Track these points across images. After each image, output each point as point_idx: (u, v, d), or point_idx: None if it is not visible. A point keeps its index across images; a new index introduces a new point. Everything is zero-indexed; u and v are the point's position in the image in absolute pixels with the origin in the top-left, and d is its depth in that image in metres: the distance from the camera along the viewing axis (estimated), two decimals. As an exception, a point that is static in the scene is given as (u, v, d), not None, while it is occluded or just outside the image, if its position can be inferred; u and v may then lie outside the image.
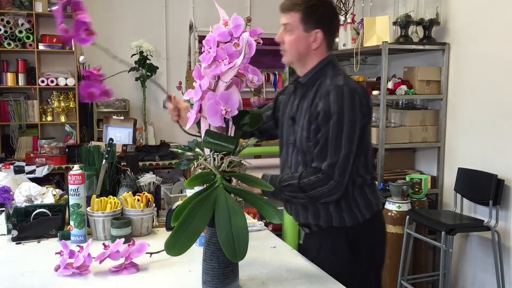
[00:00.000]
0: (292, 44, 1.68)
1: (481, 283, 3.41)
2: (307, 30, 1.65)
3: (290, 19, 1.66)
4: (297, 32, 1.66)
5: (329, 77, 1.65)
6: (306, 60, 1.71)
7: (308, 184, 1.58)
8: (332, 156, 1.56)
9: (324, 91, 1.60)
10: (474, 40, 3.44)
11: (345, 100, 1.56)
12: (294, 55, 1.70)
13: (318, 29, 1.65)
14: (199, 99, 1.32)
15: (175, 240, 1.26)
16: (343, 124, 1.56)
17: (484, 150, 3.35)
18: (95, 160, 2.18)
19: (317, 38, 1.66)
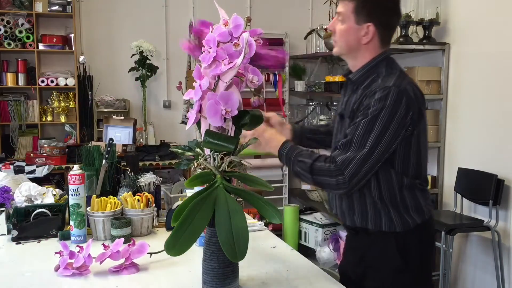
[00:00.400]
0: (342, 34, 1.58)
1: (481, 283, 3.41)
2: (359, 22, 1.55)
3: (343, 7, 1.56)
4: (348, 22, 1.56)
5: (382, 76, 1.57)
6: (357, 55, 1.61)
7: (319, 169, 1.51)
8: (351, 152, 1.48)
9: (371, 90, 1.52)
10: (474, 40, 3.44)
11: (388, 102, 1.47)
12: (343, 47, 1.61)
13: (370, 23, 1.54)
14: (199, 99, 1.32)
15: (175, 240, 1.27)
16: (376, 124, 1.47)
17: (484, 150, 3.35)
18: (95, 160, 2.18)
19: (368, 32, 1.55)
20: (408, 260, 1.60)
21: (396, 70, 1.59)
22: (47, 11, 4.15)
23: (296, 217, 4.33)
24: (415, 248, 1.62)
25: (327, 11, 4.64)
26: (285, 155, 1.57)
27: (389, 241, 1.60)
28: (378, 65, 1.59)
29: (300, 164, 1.54)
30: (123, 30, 4.56)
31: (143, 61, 4.34)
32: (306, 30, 4.75)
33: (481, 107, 3.38)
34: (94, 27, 4.52)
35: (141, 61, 4.33)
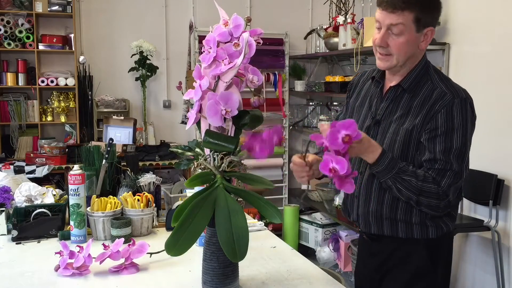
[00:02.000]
0: (402, 47, 1.47)
1: (481, 283, 3.41)
2: (419, 29, 1.46)
3: (401, 19, 1.43)
4: (409, 33, 1.45)
5: (437, 80, 1.51)
6: (411, 61, 1.53)
7: (427, 191, 1.44)
8: (452, 177, 1.45)
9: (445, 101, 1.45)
10: (474, 40, 3.44)
11: (469, 118, 1.47)
12: (402, 59, 1.50)
13: (430, 27, 1.48)
14: (199, 99, 1.32)
15: (176, 240, 1.27)
16: (467, 145, 1.48)
17: (484, 150, 3.35)
18: (95, 160, 2.18)
19: (427, 36, 1.49)
20: (436, 264, 1.58)
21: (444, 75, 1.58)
22: (47, 11, 4.15)
23: (296, 217, 4.33)
24: (444, 253, 1.62)
25: (327, 11, 4.65)
26: (384, 168, 1.44)
27: (418, 246, 1.57)
28: (425, 68, 1.55)
29: (405, 183, 1.45)
30: (123, 30, 4.56)
31: (143, 61, 4.34)
32: (306, 30, 4.75)
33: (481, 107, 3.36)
34: (94, 27, 4.51)
35: (141, 61, 4.33)
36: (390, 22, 1.45)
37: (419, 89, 1.51)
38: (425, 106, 1.48)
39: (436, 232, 1.56)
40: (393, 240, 1.58)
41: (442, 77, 1.54)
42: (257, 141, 1.36)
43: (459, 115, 1.45)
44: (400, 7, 1.43)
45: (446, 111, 1.45)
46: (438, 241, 1.57)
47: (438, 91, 1.48)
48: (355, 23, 4.07)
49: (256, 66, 1.38)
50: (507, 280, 3.18)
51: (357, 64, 3.78)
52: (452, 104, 1.45)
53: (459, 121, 1.45)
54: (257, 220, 2.17)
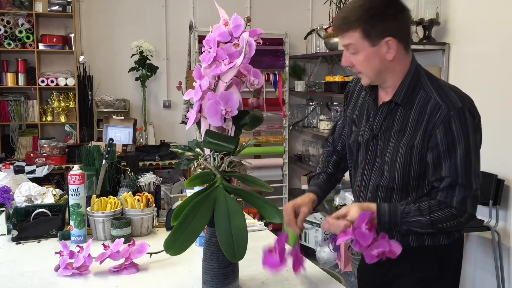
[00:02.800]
0: (365, 64, 1.43)
1: (481, 283, 3.41)
2: (375, 43, 1.40)
3: (350, 38, 1.41)
4: (363, 50, 1.41)
5: (431, 88, 1.44)
6: (388, 75, 1.47)
7: (441, 219, 1.41)
8: (463, 192, 1.40)
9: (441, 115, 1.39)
10: (474, 40, 3.44)
11: (469, 128, 1.39)
12: (371, 75, 1.46)
13: (387, 37, 1.39)
14: (199, 99, 1.32)
15: (174, 240, 1.27)
16: (471, 157, 1.40)
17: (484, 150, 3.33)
18: (95, 160, 2.18)
19: (390, 46, 1.40)
20: (445, 270, 1.56)
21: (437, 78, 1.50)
22: (47, 11, 4.15)
23: (296, 217, 4.33)
24: (453, 260, 1.59)
25: (327, 11, 4.64)
26: (388, 223, 1.43)
27: (428, 253, 1.54)
28: (415, 77, 1.47)
29: (415, 224, 1.42)
30: (123, 30, 4.56)
31: (143, 61, 4.34)
32: (306, 30, 4.75)
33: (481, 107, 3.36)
34: (94, 27, 4.52)
35: (141, 61, 4.34)
36: (343, 43, 1.44)
37: (413, 101, 1.45)
38: (421, 120, 1.43)
39: (447, 239, 1.53)
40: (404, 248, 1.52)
41: (435, 83, 1.46)
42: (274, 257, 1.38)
43: (459, 128, 1.39)
44: (343, 29, 1.42)
45: (444, 126, 1.39)
46: (448, 247, 1.54)
47: (432, 103, 1.42)
48: (355, 23, 4.06)
49: (256, 66, 1.38)
50: (507, 280, 3.18)
51: (357, 64, 3.77)
52: (449, 118, 1.38)
53: (460, 134, 1.39)
54: (257, 220, 2.17)
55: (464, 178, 1.40)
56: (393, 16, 1.40)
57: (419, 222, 1.42)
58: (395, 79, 1.47)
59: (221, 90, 1.32)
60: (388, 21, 1.40)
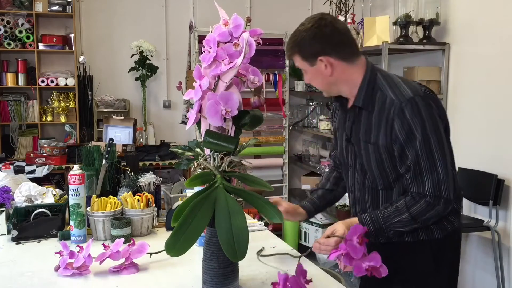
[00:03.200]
0: (313, 81, 1.59)
1: (481, 283, 3.41)
2: (312, 64, 1.53)
3: (297, 62, 1.58)
4: (307, 70, 1.57)
5: (386, 88, 1.51)
6: (339, 87, 1.58)
7: (419, 211, 1.47)
8: (431, 177, 1.45)
9: (395, 109, 1.46)
10: (474, 40, 3.44)
11: (423, 113, 1.45)
12: (324, 89, 1.61)
13: (319, 57, 1.51)
14: (199, 99, 1.32)
15: (175, 241, 1.26)
16: (430, 140, 1.44)
17: (484, 150, 3.35)
18: (95, 160, 2.18)
19: (325, 63, 1.52)
20: (441, 264, 1.59)
21: (392, 75, 1.57)
22: (47, 11, 4.15)
23: (296, 217, 4.33)
24: (449, 253, 1.61)
25: (327, 11, 4.64)
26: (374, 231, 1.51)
27: (424, 248, 1.58)
28: (372, 79, 1.55)
29: (398, 224, 1.49)
30: (123, 30, 4.57)
31: (143, 61, 4.34)
32: (306, 30, 4.74)
33: (481, 107, 3.38)
34: (94, 27, 4.51)
35: (141, 61, 4.34)
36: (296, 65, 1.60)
37: (374, 102, 1.53)
38: (382, 118, 1.50)
39: (441, 232, 1.57)
40: (400, 244, 1.59)
41: (390, 82, 1.53)
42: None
43: (412, 116, 1.44)
44: (289, 55, 1.59)
45: (399, 117, 1.45)
46: (443, 241, 1.58)
47: (388, 100, 1.49)
48: (355, 23, 4.07)
49: (256, 66, 1.38)
50: (507, 280, 3.18)
51: (357, 64, 3.77)
52: (402, 109, 1.45)
53: (414, 121, 1.44)
54: (257, 220, 2.17)
55: (427, 163, 1.44)
56: (319, 38, 1.50)
57: (402, 221, 1.49)
58: (351, 88, 1.57)
59: (221, 90, 1.32)
60: (314, 44, 1.51)
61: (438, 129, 1.47)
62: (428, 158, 1.44)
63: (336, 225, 1.51)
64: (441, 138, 1.47)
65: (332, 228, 1.50)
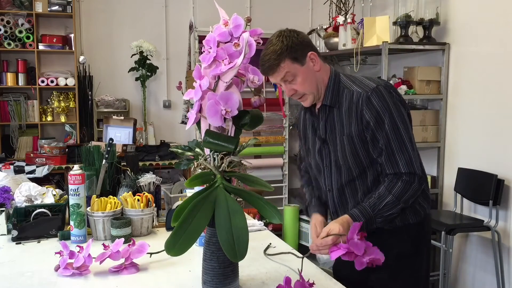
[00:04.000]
0: (305, 84, 1.63)
1: (481, 283, 3.41)
2: (302, 62, 1.61)
3: (286, 68, 1.59)
4: (299, 73, 1.61)
5: (351, 84, 1.65)
6: (320, 86, 1.67)
7: (400, 191, 1.58)
8: (403, 156, 1.58)
9: (362, 98, 1.59)
10: (474, 40, 3.44)
11: (388, 99, 1.59)
12: (314, 90, 1.66)
13: (308, 52, 1.62)
14: (199, 99, 1.32)
15: (175, 240, 1.27)
16: (397, 122, 1.58)
17: (484, 150, 3.35)
18: (95, 160, 2.18)
19: (313, 58, 1.63)
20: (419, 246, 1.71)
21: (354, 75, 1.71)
22: (47, 11, 4.15)
23: (296, 217, 4.33)
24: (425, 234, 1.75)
25: (327, 11, 4.65)
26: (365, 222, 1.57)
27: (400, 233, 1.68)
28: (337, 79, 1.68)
29: (385, 209, 1.58)
30: (123, 30, 4.56)
31: (143, 61, 4.34)
32: (306, 30, 4.75)
33: (481, 107, 3.38)
34: (94, 27, 4.51)
35: (141, 61, 4.33)
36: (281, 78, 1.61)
37: (341, 100, 1.66)
38: (352, 111, 1.62)
39: (415, 218, 1.69)
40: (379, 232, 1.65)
41: (353, 79, 1.67)
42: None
43: (378, 102, 1.58)
44: (276, 65, 1.58)
45: (367, 106, 1.59)
46: (417, 225, 1.70)
47: (355, 94, 1.62)
48: (355, 23, 4.07)
49: (256, 66, 1.38)
50: (507, 280, 3.18)
51: (357, 64, 3.78)
52: (369, 98, 1.59)
53: (381, 107, 1.58)
54: (257, 220, 2.17)
55: (397, 143, 1.58)
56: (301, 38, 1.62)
57: (387, 204, 1.58)
58: (321, 87, 1.68)
59: (221, 90, 1.32)
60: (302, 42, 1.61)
61: (402, 114, 1.60)
62: (397, 139, 1.58)
63: (330, 225, 1.56)
64: (405, 121, 1.60)
65: (327, 229, 1.54)
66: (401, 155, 1.58)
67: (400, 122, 1.58)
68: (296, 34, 1.62)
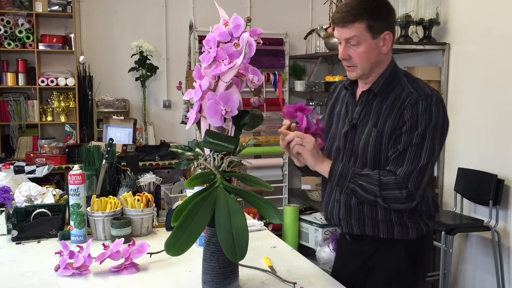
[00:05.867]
0: (364, 56, 1.52)
1: (481, 283, 3.41)
2: (375, 36, 1.50)
3: (354, 31, 1.49)
4: (366, 42, 1.50)
5: (407, 83, 1.55)
6: (376, 68, 1.57)
7: (387, 183, 1.48)
8: (409, 165, 1.48)
9: (411, 100, 1.50)
10: (474, 40, 3.44)
11: (434, 112, 1.49)
12: (367, 67, 1.55)
13: (386, 31, 1.52)
14: (199, 99, 1.32)
15: (175, 240, 1.27)
16: (428, 135, 1.48)
17: (484, 150, 3.35)
18: (95, 160, 2.18)
19: (387, 40, 1.52)
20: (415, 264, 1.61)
21: (413, 76, 1.59)
22: (47, 11, 4.15)
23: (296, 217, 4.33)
24: (424, 251, 1.64)
25: (327, 11, 4.64)
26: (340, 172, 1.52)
27: (398, 247, 1.60)
28: (394, 71, 1.59)
29: (364, 178, 1.50)
30: (123, 30, 4.56)
31: (143, 61, 4.33)
32: (306, 30, 4.75)
33: (481, 107, 3.38)
34: (94, 27, 4.51)
35: (141, 61, 4.33)
36: (346, 36, 1.52)
37: (389, 92, 1.56)
38: (394, 107, 1.53)
39: (416, 233, 1.59)
40: (375, 239, 1.61)
41: (410, 79, 1.58)
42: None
43: (424, 109, 1.48)
44: (350, 20, 1.49)
45: (411, 107, 1.49)
46: (417, 242, 1.60)
47: (406, 92, 1.53)
48: (355, 23, 4.06)
49: (256, 66, 1.38)
50: (507, 280, 3.18)
51: (357, 64, 3.77)
52: (417, 101, 1.49)
53: (424, 114, 1.48)
54: (257, 220, 2.17)
55: (413, 154, 1.48)
56: (391, 12, 1.54)
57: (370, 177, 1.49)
58: (379, 72, 1.58)
59: (221, 90, 1.32)
60: (388, 17, 1.53)
61: (437, 133, 1.50)
62: (416, 151, 1.48)
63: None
64: (434, 142, 1.50)
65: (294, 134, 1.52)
66: (407, 164, 1.48)
67: (429, 139, 1.48)
68: (388, 5, 1.53)
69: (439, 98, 1.53)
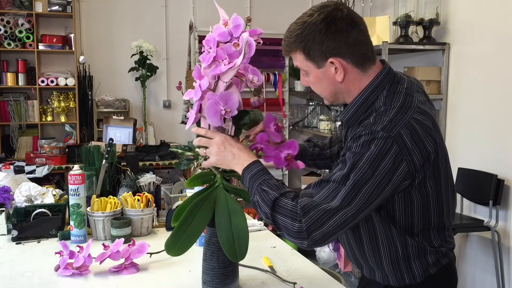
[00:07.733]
0: (317, 86, 1.31)
1: (481, 283, 3.41)
2: (320, 65, 1.26)
3: (296, 61, 1.31)
4: (312, 72, 1.29)
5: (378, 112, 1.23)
6: (344, 97, 1.31)
7: (283, 207, 1.19)
8: (318, 197, 1.18)
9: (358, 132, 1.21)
10: (474, 40, 3.44)
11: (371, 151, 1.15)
12: (328, 96, 1.33)
13: (330, 58, 1.24)
14: (199, 99, 1.32)
15: (175, 240, 1.27)
16: (352, 175, 1.15)
17: (484, 150, 3.35)
18: (95, 160, 2.18)
19: (337, 66, 1.25)
20: None
21: (398, 101, 1.24)
22: (47, 11, 4.15)
23: (296, 217, 4.33)
24: None
25: (327, 11, 4.64)
26: (250, 178, 1.26)
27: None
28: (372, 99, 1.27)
29: (262, 194, 1.23)
30: (123, 30, 4.57)
31: (143, 61, 4.34)
32: (306, 30, 4.75)
33: (481, 107, 3.38)
34: (94, 27, 4.51)
35: (141, 61, 4.34)
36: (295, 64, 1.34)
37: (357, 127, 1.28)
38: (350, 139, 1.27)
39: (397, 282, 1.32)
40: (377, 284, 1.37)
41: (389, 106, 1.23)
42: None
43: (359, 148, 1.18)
44: (287, 51, 1.31)
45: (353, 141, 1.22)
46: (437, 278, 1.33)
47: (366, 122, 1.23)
48: (355, 23, 4.06)
49: (256, 66, 1.38)
50: (507, 280, 3.18)
51: (357, 64, 3.77)
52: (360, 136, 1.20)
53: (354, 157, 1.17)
54: (257, 220, 2.17)
55: (331, 189, 1.17)
56: (335, 35, 1.23)
57: (267, 193, 1.22)
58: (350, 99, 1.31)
59: (221, 90, 1.32)
60: (328, 41, 1.23)
61: (372, 176, 1.15)
62: (335, 188, 1.17)
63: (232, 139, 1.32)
64: (363, 185, 1.15)
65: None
66: (317, 198, 1.17)
67: (356, 178, 1.14)
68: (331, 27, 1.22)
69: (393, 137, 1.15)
